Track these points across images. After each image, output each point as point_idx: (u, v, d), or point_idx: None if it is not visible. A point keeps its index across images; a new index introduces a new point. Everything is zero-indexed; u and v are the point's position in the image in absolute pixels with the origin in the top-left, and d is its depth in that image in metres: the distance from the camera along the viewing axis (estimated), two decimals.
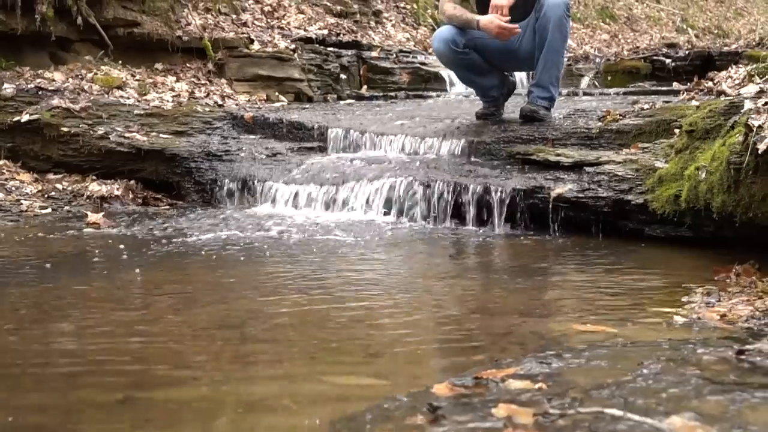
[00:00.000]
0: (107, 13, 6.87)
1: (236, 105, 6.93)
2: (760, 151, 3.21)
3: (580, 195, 4.53)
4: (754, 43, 8.62)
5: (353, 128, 6.04)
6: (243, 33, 7.88)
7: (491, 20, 5.26)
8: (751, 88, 4.48)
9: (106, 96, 6.35)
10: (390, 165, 5.46)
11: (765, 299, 2.83)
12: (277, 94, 7.51)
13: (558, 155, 4.93)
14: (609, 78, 8.80)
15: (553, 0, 5.33)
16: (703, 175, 3.78)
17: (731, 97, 4.29)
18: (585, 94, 8.06)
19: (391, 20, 11.47)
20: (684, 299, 2.96)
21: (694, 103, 5.61)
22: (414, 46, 11.06)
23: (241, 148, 6.06)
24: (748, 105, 3.88)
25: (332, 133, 6.08)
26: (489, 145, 5.44)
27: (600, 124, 5.28)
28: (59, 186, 5.84)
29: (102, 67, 6.71)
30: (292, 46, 7.78)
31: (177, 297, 3.26)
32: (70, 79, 6.41)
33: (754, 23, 29.54)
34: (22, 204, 5.47)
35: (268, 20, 8.64)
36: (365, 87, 8.81)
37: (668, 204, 4.11)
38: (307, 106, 7.35)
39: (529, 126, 5.51)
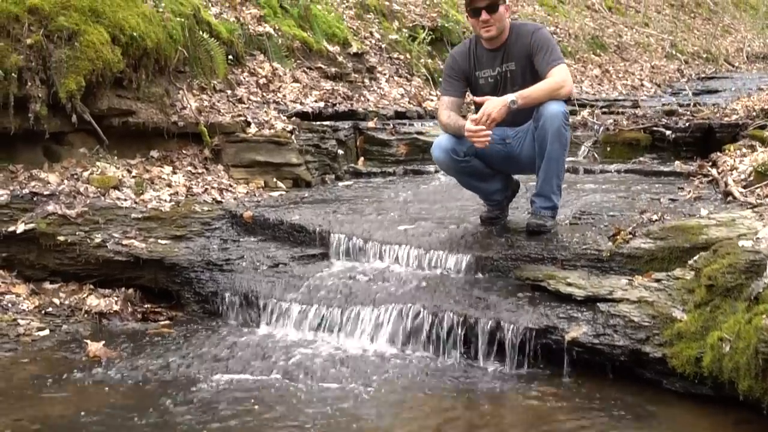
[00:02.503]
0: (101, 103, 6.71)
1: (235, 199, 6.79)
2: None
3: (596, 341, 4.43)
4: (753, 113, 8.52)
5: (356, 234, 5.92)
6: (239, 112, 7.73)
7: (470, 128, 5.15)
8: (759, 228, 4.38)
9: (103, 198, 6.21)
10: (396, 284, 5.34)
11: None
12: (275, 180, 7.38)
13: (569, 285, 4.82)
14: (608, 149, 8.70)
15: (551, 110, 5.24)
16: (727, 349, 3.69)
17: (749, 249, 4.15)
18: (586, 171, 7.97)
19: (384, 74, 11.37)
20: None
21: (703, 211, 5.54)
22: (408, 102, 10.98)
23: (242, 256, 5.93)
24: None
25: (334, 239, 5.96)
26: (496, 261, 5.34)
27: (610, 245, 5.16)
28: (56, 300, 5.72)
29: (97, 163, 6.55)
30: (289, 128, 7.64)
31: None
32: (66, 181, 6.26)
33: (741, 40, 29.66)
34: (19, 325, 5.36)
35: (264, 94, 8.50)
36: (362, 159, 8.70)
37: (689, 365, 4.02)
38: (306, 194, 7.22)
39: (536, 242, 5.41)
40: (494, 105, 5.14)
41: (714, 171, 6.96)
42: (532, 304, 4.84)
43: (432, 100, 11.45)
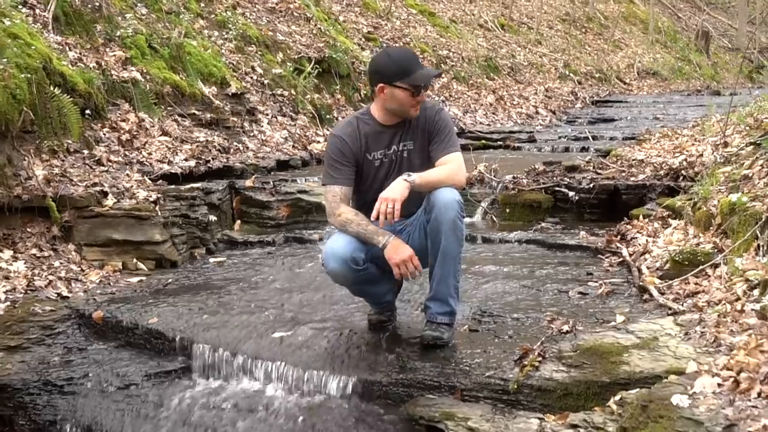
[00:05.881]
0: None
1: (85, 291, 5.88)
2: None
3: None
4: (662, 173, 7.95)
5: (222, 345, 5.08)
6: (95, 179, 6.77)
7: (403, 252, 4.53)
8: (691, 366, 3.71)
9: None
10: (269, 418, 4.54)
11: None
12: (135, 261, 6.47)
13: (471, 430, 4.09)
14: (508, 210, 8.03)
15: (444, 199, 4.54)
16: None
17: (687, 415, 3.47)
18: (484, 240, 7.27)
19: (267, 114, 10.51)
20: None
21: (619, 317, 4.95)
22: (293, 146, 10.17)
23: (87, 374, 5.06)
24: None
25: (198, 350, 5.11)
26: (386, 387, 4.58)
27: (517, 371, 4.44)
28: None
29: None
30: (153, 197, 6.71)
31: None
32: None
33: (631, 56, 29.79)
34: None
35: (126, 152, 7.56)
36: (238, 223, 7.86)
37: None
38: (171, 278, 6.32)
39: (432, 362, 4.64)
40: (395, 190, 4.46)
41: (624, 250, 6.35)
42: None
43: (319, 142, 10.67)
